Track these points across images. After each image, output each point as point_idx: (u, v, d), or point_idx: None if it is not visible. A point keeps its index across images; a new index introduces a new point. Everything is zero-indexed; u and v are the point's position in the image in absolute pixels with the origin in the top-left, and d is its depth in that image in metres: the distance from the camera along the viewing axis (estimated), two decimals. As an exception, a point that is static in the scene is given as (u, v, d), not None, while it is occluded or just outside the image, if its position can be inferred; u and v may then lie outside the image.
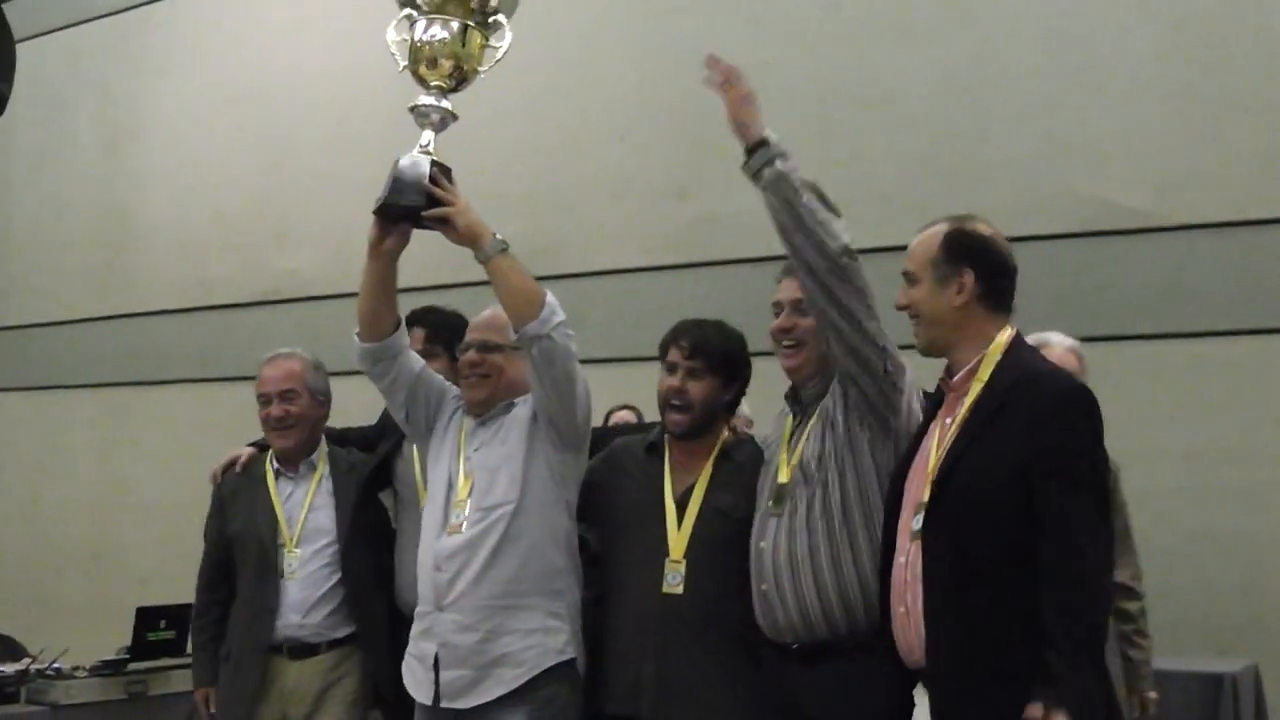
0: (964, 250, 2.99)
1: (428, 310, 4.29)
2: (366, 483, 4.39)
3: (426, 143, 3.55)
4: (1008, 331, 2.99)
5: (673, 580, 3.50)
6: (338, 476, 4.39)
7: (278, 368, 4.37)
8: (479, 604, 3.54)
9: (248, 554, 4.32)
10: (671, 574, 3.51)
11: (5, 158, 9.39)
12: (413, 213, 3.49)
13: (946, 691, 2.88)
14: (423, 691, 3.63)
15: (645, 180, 6.76)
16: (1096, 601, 2.77)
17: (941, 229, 3.03)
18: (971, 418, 2.91)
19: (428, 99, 3.58)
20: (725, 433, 3.70)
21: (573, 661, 3.59)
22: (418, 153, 3.53)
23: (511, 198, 6.57)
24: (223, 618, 4.38)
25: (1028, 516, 2.77)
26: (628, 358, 5.92)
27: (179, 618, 5.20)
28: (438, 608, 3.60)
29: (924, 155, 6.03)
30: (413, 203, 3.47)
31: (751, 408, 3.82)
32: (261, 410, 4.36)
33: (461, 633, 3.55)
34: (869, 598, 3.18)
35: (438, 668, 3.57)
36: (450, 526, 3.63)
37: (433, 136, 3.56)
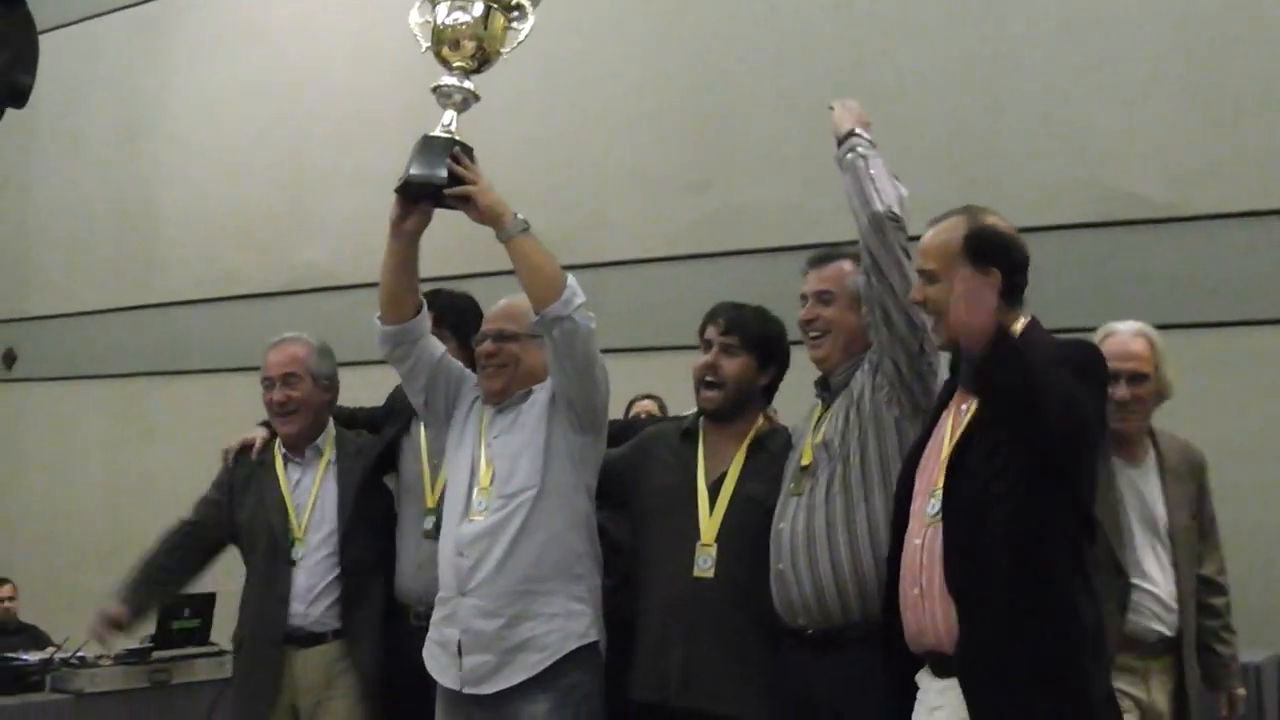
0: (989, 250, 2.91)
1: (434, 293, 4.22)
2: (372, 467, 4.36)
3: (449, 122, 3.56)
4: (1022, 320, 2.94)
5: (704, 564, 3.51)
6: (343, 461, 4.36)
7: (280, 352, 4.35)
8: (501, 589, 3.54)
9: (257, 541, 4.31)
10: (703, 558, 3.52)
11: (25, 150, 9.40)
12: (435, 191, 3.50)
13: (980, 677, 2.80)
14: (446, 677, 3.63)
15: (665, 171, 6.75)
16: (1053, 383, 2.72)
17: (960, 226, 2.95)
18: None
19: (450, 79, 3.59)
20: (760, 420, 3.71)
21: (595, 645, 3.60)
22: (440, 132, 3.54)
23: (531, 188, 6.56)
24: (165, 581, 4.42)
25: (1037, 486, 2.76)
26: (647, 347, 5.94)
27: (203, 607, 5.24)
28: (460, 593, 3.60)
29: (940, 147, 6.01)
30: (435, 180, 3.47)
31: (783, 395, 3.82)
32: (265, 395, 4.35)
33: (484, 618, 3.55)
34: (884, 579, 3.13)
35: (460, 654, 3.58)
36: (472, 513, 3.63)
37: (455, 116, 3.57)
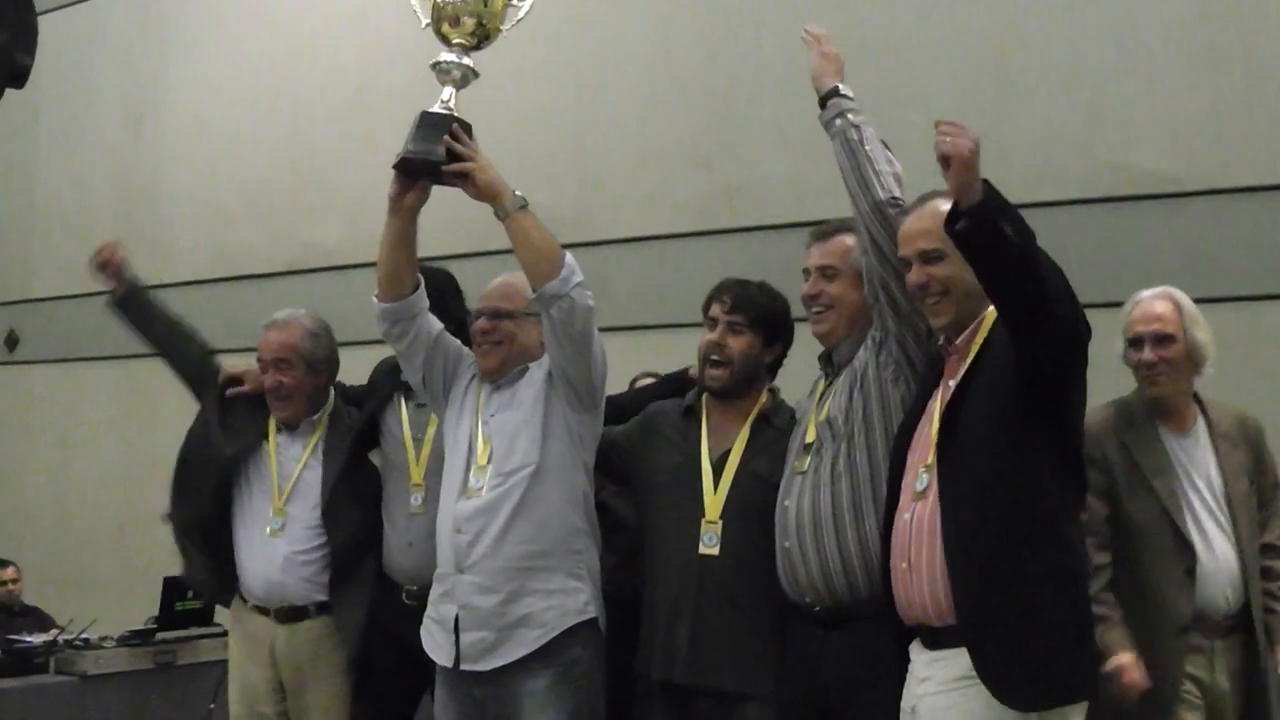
0: None
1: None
2: (355, 442, 4.35)
3: (448, 98, 3.54)
4: None
5: (709, 541, 3.51)
6: (332, 435, 4.35)
7: (274, 335, 4.34)
8: (499, 566, 3.55)
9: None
10: (708, 534, 3.51)
11: (28, 132, 9.39)
12: (433, 167, 3.48)
13: (985, 638, 2.82)
14: (443, 654, 3.64)
15: (669, 148, 6.72)
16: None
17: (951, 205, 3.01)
18: (970, 373, 2.95)
19: (449, 56, 3.57)
20: (765, 397, 3.70)
21: (594, 621, 3.60)
22: (439, 109, 3.52)
23: (533, 165, 6.54)
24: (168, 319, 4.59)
25: (1028, 442, 2.82)
26: (652, 325, 5.92)
27: (199, 594, 5.24)
28: (458, 570, 3.60)
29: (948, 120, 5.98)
30: (433, 157, 3.46)
31: (787, 371, 3.81)
32: (258, 374, 4.35)
33: (482, 595, 3.55)
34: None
35: (458, 630, 3.58)
36: (470, 490, 3.63)
37: (454, 93, 3.56)
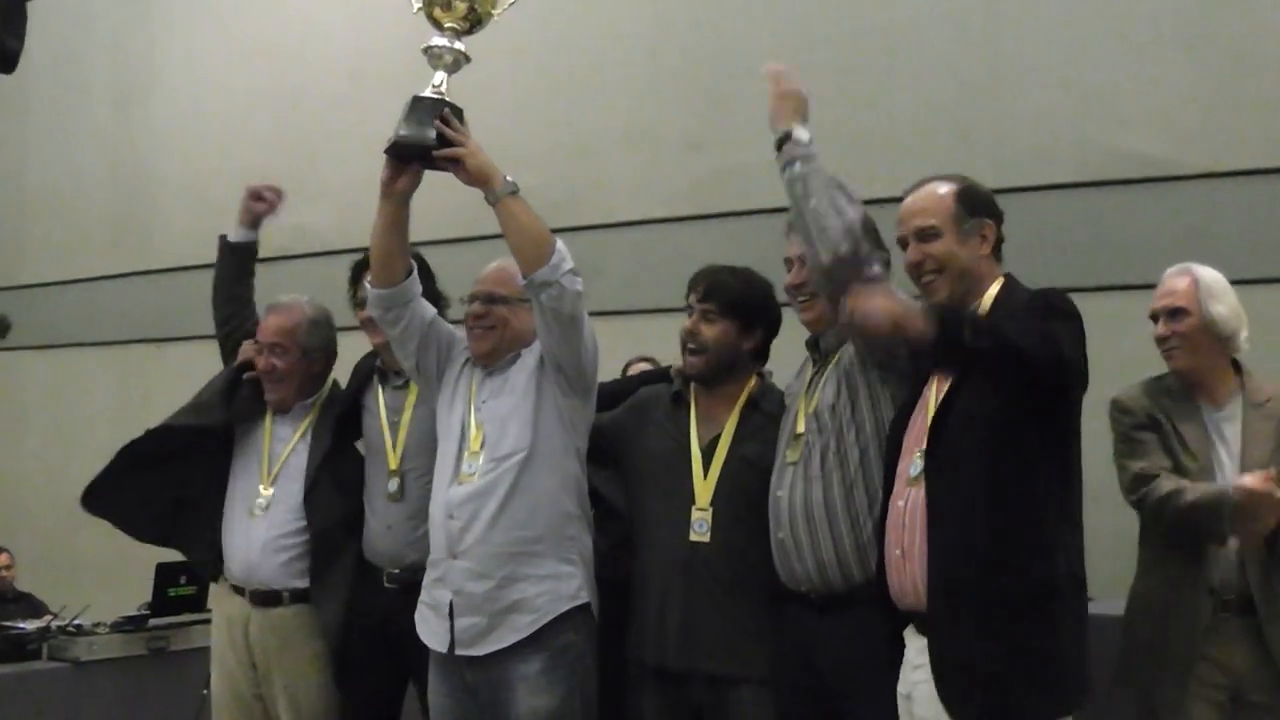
0: (981, 203, 3.10)
1: None
2: (339, 428, 4.35)
3: (439, 83, 3.53)
4: (1002, 279, 3.08)
5: (699, 528, 3.53)
6: (323, 421, 4.36)
7: (275, 318, 4.36)
8: (492, 551, 3.55)
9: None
10: (698, 522, 3.53)
11: (18, 116, 9.34)
12: (425, 152, 3.48)
13: (948, 631, 2.88)
14: (437, 640, 3.65)
15: (661, 132, 6.69)
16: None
17: (947, 183, 3.10)
18: None
19: (441, 40, 3.56)
20: (753, 381, 3.69)
21: (587, 606, 3.61)
22: (430, 93, 3.51)
23: (526, 150, 6.52)
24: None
25: (1015, 439, 2.83)
26: (644, 309, 5.90)
27: (199, 573, 5.22)
28: (451, 556, 3.61)
29: (942, 105, 5.96)
30: (424, 141, 3.45)
31: (785, 359, 3.81)
32: (254, 354, 4.36)
33: (475, 580, 3.56)
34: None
35: (452, 616, 3.59)
36: (462, 475, 3.64)
37: (445, 78, 3.55)
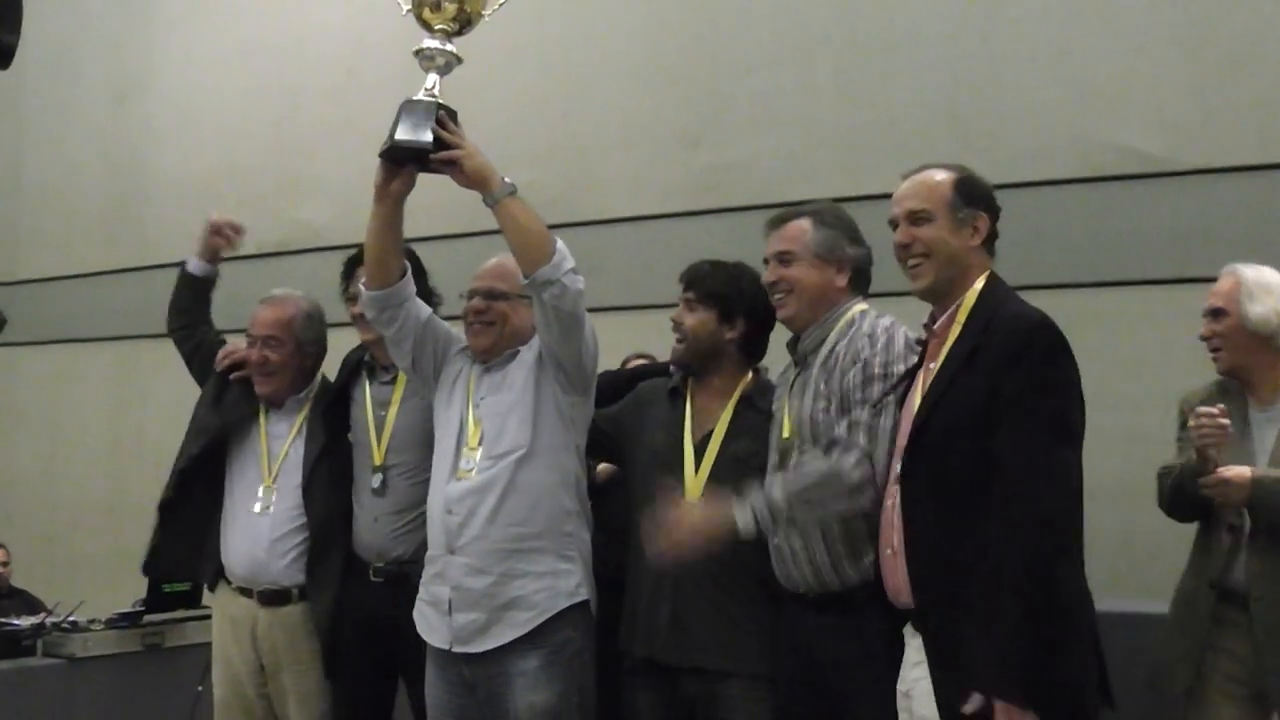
0: (978, 194, 3.10)
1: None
2: (329, 422, 4.33)
3: (432, 86, 3.53)
4: (986, 274, 3.06)
5: None
6: (316, 415, 4.35)
7: (268, 312, 4.34)
8: (490, 548, 3.55)
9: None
10: None
11: (14, 113, 9.33)
12: (419, 155, 3.48)
13: (936, 630, 2.90)
14: (436, 636, 3.65)
15: (658, 127, 6.68)
16: (1050, 533, 2.74)
17: (948, 173, 3.10)
18: (948, 362, 2.97)
19: (432, 42, 3.56)
20: (748, 377, 3.69)
21: (585, 603, 3.61)
22: (423, 95, 3.50)
23: (522, 147, 6.51)
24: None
25: (990, 454, 2.82)
26: (642, 305, 5.88)
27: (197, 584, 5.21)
28: (449, 551, 3.61)
29: (940, 101, 5.95)
30: (420, 145, 3.45)
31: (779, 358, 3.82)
32: (247, 348, 4.35)
33: (473, 576, 3.56)
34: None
35: (450, 612, 3.59)
36: (460, 471, 3.64)
37: (438, 80, 3.55)
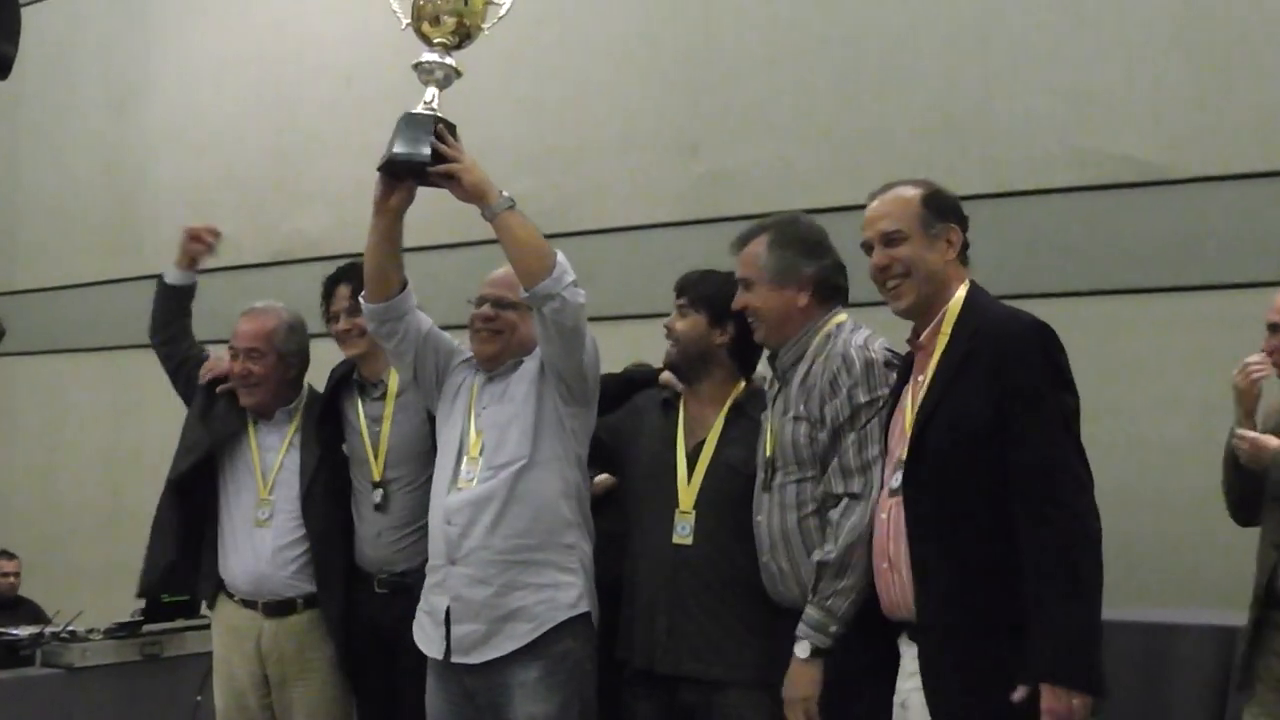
0: (948, 208, 3.10)
1: (353, 265, 4.16)
2: (324, 433, 4.33)
3: (431, 99, 3.53)
4: (966, 284, 3.07)
5: (682, 530, 3.54)
6: (307, 427, 4.35)
7: (249, 324, 4.34)
8: (491, 558, 3.55)
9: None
10: (681, 524, 3.54)
11: (11, 122, 9.33)
12: (418, 169, 3.47)
13: (937, 643, 2.89)
14: (434, 647, 3.64)
15: (654, 136, 6.70)
16: (1077, 519, 2.77)
17: (915, 190, 3.11)
18: (940, 371, 2.97)
19: (431, 56, 3.56)
20: (739, 386, 3.70)
21: (586, 615, 3.60)
22: (422, 109, 3.51)
23: (519, 155, 6.52)
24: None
25: (1000, 457, 2.82)
26: (638, 315, 5.89)
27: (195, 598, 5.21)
28: (450, 562, 3.61)
29: (937, 109, 5.97)
30: (419, 158, 3.45)
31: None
32: (229, 361, 4.35)
33: (474, 587, 3.55)
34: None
35: (449, 622, 3.58)
36: (460, 482, 3.63)
37: (437, 93, 3.55)
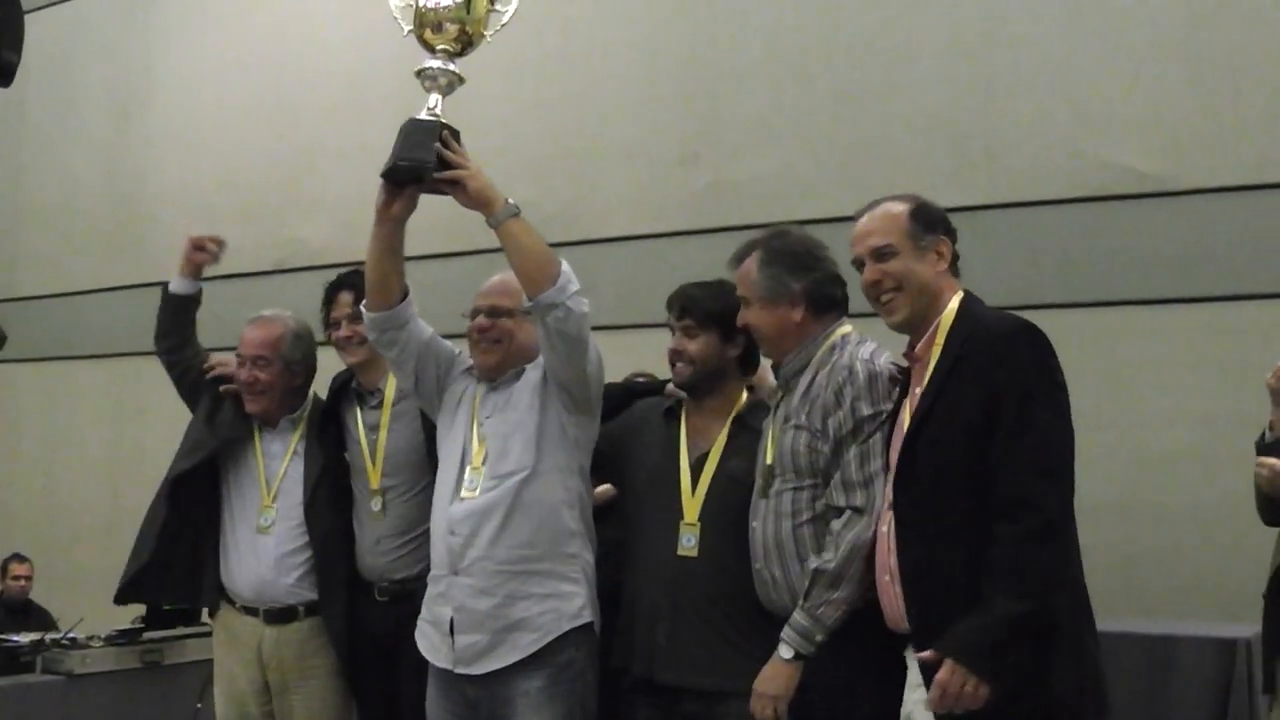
0: (936, 220, 3.13)
1: (356, 272, 4.15)
2: (326, 441, 4.33)
3: (434, 105, 3.53)
4: (960, 294, 3.09)
5: (687, 543, 3.53)
6: (311, 435, 4.35)
7: (256, 332, 4.34)
8: (494, 568, 3.54)
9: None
10: (686, 536, 3.53)
11: (15, 129, 9.36)
12: (422, 175, 3.47)
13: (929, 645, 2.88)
14: (440, 656, 3.63)
15: (657, 145, 6.72)
16: (1047, 523, 2.77)
17: (903, 204, 3.13)
18: (933, 381, 2.99)
19: (434, 62, 3.56)
20: (742, 397, 3.71)
21: (589, 625, 3.59)
22: (425, 116, 3.50)
23: (522, 164, 6.54)
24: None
25: (988, 457, 2.83)
26: (640, 324, 5.90)
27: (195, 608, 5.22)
28: (453, 572, 3.59)
29: (937, 120, 5.99)
30: (422, 165, 3.44)
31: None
32: (236, 368, 4.35)
33: (477, 597, 3.54)
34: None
35: (453, 633, 3.57)
36: (463, 491, 3.62)
37: (440, 100, 3.54)
